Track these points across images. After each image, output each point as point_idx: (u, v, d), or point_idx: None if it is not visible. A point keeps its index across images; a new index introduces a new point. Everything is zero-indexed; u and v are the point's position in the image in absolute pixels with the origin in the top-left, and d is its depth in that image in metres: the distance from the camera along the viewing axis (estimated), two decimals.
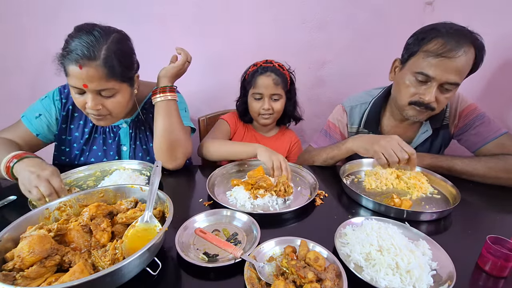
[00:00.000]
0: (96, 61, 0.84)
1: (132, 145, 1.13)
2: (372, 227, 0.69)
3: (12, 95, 1.74)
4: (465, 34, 0.91)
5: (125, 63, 0.91)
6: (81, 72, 0.83)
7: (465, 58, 0.90)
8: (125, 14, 1.36)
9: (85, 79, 0.84)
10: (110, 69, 0.86)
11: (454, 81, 0.92)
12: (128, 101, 0.98)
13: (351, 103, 1.23)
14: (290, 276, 0.55)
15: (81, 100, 0.90)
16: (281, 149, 1.38)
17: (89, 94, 0.88)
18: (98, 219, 0.65)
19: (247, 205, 0.84)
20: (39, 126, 1.05)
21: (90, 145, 1.10)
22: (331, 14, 1.52)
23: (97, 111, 0.91)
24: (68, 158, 1.11)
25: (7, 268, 0.52)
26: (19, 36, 1.62)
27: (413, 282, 0.56)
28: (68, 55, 0.84)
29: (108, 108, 0.93)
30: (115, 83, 0.90)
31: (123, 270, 0.51)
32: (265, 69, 1.23)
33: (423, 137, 1.12)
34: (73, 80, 0.86)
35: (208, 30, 1.58)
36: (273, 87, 1.22)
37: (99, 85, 0.87)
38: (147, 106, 1.14)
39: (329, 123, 1.27)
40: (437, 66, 0.91)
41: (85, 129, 1.09)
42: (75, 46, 0.84)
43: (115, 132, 1.12)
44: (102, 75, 0.85)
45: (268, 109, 1.25)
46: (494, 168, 0.96)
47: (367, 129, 1.20)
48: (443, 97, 0.96)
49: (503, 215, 0.84)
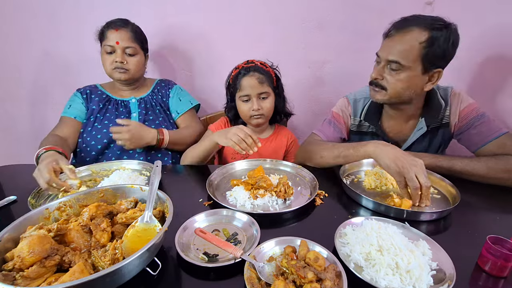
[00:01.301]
0: (128, 27, 1.27)
1: (141, 112, 1.35)
2: (372, 227, 0.69)
3: (12, 95, 1.74)
4: (418, 19, 0.95)
5: (144, 38, 1.34)
6: (116, 33, 1.24)
7: (406, 38, 0.94)
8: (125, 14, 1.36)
9: (118, 38, 1.24)
10: (135, 34, 1.28)
11: (394, 59, 0.97)
12: (142, 66, 1.35)
13: (354, 96, 1.24)
14: (290, 276, 0.55)
15: (110, 58, 1.26)
16: (279, 149, 1.37)
17: (118, 50, 1.25)
18: (98, 219, 0.65)
19: (247, 205, 0.84)
20: (74, 111, 1.32)
21: (104, 113, 1.33)
22: (331, 14, 1.51)
23: (122, 64, 1.26)
24: (84, 129, 1.30)
25: (7, 268, 0.52)
26: (19, 36, 1.62)
27: (413, 282, 0.56)
28: (109, 25, 1.26)
29: (129, 63, 1.28)
30: (137, 46, 1.29)
31: (123, 270, 0.51)
32: (247, 69, 1.21)
33: (418, 134, 1.12)
34: (110, 40, 1.24)
35: (208, 30, 1.58)
36: (258, 86, 1.20)
37: (127, 43, 1.25)
38: (156, 90, 1.44)
39: (333, 113, 1.26)
40: (383, 46, 1.02)
41: (100, 103, 1.33)
42: (114, 20, 1.27)
43: (126, 104, 1.36)
44: (130, 37, 1.26)
45: (258, 109, 1.22)
46: (494, 168, 0.96)
47: (368, 122, 1.21)
48: (392, 78, 1.00)
49: (503, 215, 0.84)
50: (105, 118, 1.31)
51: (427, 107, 1.11)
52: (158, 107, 1.40)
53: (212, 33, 1.59)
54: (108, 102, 1.35)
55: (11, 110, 1.78)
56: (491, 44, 1.39)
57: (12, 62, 1.67)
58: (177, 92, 1.45)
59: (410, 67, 0.97)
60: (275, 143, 1.37)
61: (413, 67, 0.97)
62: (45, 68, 1.69)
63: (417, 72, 0.98)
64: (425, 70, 0.98)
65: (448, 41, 0.93)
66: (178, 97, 1.44)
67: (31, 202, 0.81)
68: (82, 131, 1.31)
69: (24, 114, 1.77)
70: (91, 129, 1.29)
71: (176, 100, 1.44)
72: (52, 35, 1.60)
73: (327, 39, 1.57)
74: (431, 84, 1.01)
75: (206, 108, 1.74)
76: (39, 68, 1.68)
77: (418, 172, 0.82)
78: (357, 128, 1.25)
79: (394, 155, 0.87)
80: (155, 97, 1.41)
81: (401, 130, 1.17)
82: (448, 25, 0.94)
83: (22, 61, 1.67)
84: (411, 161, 0.84)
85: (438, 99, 1.10)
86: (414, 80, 0.99)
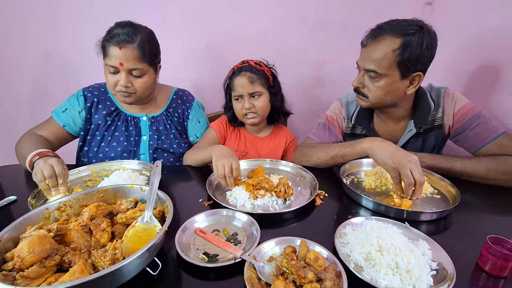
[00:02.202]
0: (133, 44, 1.02)
1: (153, 136, 1.22)
2: (372, 227, 0.69)
3: (12, 95, 1.74)
4: (391, 26, 0.95)
5: (154, 51, 1.10)
6: (120, 52, 1.01)
7: (379, 47, 0.95)
8: (125, 14, 1.35)
9: (122, 58, 1.01)
10: (143, 52, 1.04)
11: (370, 68, 0.98)
12: (152, 84, 1.14)
13: (347, 99, 1.24)
14: (290, 276, 0.55)
15: (114, 79, 1.06)
16: (277, 149, 1.37)
17: (123, 73, 1.04)
18: (98, 219, 0.65)
19: (247, 205, 0.84)
20: (65, 119, 1.17)
21: (113, 131, 1.19)
22: (331, 14, 1.51)
23: (126, 89, 1.06)
24: (89, 147, 1.19)
25: (7, 268, 0.52)
26: (19, 36, 1.62)
27: (413, 282, 0.56)
28: (111, 39, 1.01)
29: (136, 87, 1.08)
30: (145, 65, 1.06)
31: (123, 270, 0.51)
32: (240, 69, 1.22)
33: (407, 136, 1.12)
34: (112, 59, 1.02)
35: (208, 30, 1.58)
36: (249, 85, 1.21)
37: (133, 64, 1.03)
38: (171, 110, 1.28)
39: (328, 117, 1.26)
40: (361, 55, 1.04)
41: (107, 118, 1.19)
42: (117, 32, 1.02)
43: (136, 123, 1.22)
44: (136, 56, 1.03)
45: (249, 108, 1.23)
46: (494, 169, 0.96)
47: (359, 126, 1.21)
48: (372, 85, 1.02)
49: (503, 215, 0.84)
50: (114, 138, 1.18)
51: (416, 109, 1.10)
52: (173, 130, 1.26)
53: (212, 33, 1.59)
54: (117, 116, 1.20)
55: (11, 110, 1.78)
56: (490, 43, 1.38)
57: (12, 62, 1.67)
58: (196, 112, 1.33)
59: (387, 74, 0.97)
60: (273, 143, 1.38)
61: (390, 74, 0.97)
62: (45, 68, 1.68)
63: (395, 78, 0.98)
64: (403, 75, 0.98)
65: (421, 45, 0.92)
66: (197, 118, 1.33)
67: (31, 202, 0.81)
68: (81, 144, 1.19)
69: (24, 114, 1.77)
70: (97, 149, 1.17)
71: (195, 122, 1.32)
72: (52, 35, 1.60)
73: (327, 39, 1.57)
74: (413, 87, 1.01)
75: (206, 108, 1.74)
76: (39, 68, 1.68)
77: (413, 168, 0.83)
78: (351, 131, 1.25)
79: (390, 151, 0.88)
80: (170, 117, 1.26)
81: (392, 132, 1.17)
82: (420, 28, 0.93)
83: (22, 61, 1.67)
84: (406, 157, 0.85)
85: (428, 101, 1.09)
86: (394, 86, 1.00)
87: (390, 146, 0.90)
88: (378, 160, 0.90)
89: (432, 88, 1.12)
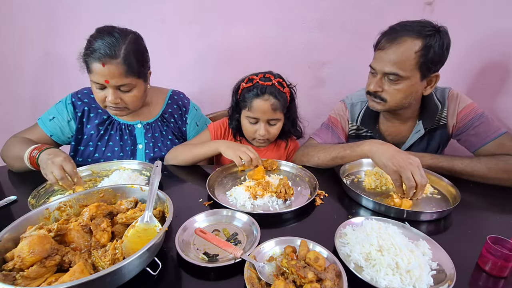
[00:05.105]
0: (117, 59, 0.93)
1: (148, 144, 1.18)
2: (372, 227, 0.69)
3: (12, 95, 1.74)
4: (407, 27, 0.94)
5: (141, 61, 1.01)
6: (104, 69, 0.93)
7: (401, 49, 0.94)
8: (125, 14, 1.36)
9: (107, 75, 0.94)
10: (129, 66, 0.96)
11: (390, 71, 0.96)
12: (143, 95, 1.07)
13: (352, 100, 1.23)
14: (290, 276, 0.55)
15: (101, 95, 1.00)
16: (277, 158, 1.30)
17: (110, 89, 0.98)
18: (98, 219, 0.65)
19: (247, 205, 0.84)
20: (53, 128, 1.11)
21: (107, 141, 1.15)
22: (331, 14, 1.51)
23: (116, 105, 1.00)
24: (82, 157, 1.15)
25: (7, 268, 0.52)
26: (19, 36, 1.62)
27: (413, 282, 0.56)
28: (92, 54, 0.93)
29: (126, 101, 1.02)
30: (133, 79, 0.99)
31: (123, 270, 0.51)
32: (263, 90, 1.08)
33: (415, 136, 1.13)
34: (96, 76, 0.95)
35: (208, 30, 1.58)
36: (271, 112, 1.10)
37: (119, 81, 0.96)
38: (166, 115, 1.22)
39: (331, 118, 1.25)
40: (376, 58, 1.01)
41: (99, 127, 1.14)
42: (98, 46, 0.93)
43: (131, 131, 1.17)
44: (122, 72, 0.95)
45: (264, 135, 1.14)
46: (495, 169, 0.96)
47: (365, 127, 1.20)
48: (391, 88, 1.00)
49: (503, 215, 0.84)
50: (108, 149, 1.14)
51: (424, 110, 1.11)
52: (170, 136, 1.22)
53: (212, 33, 1.59)
54: (110, 125, 1.14)
55: (11, 111, 1.78)
56: (491, 44, 1.38)
57: (12, 62, 1.67)
58: (193, 116, 1.28)
59: (408, 76, 0.97)
60: (273, 154, 1.31)
61: (411, 76, 0.97)
62: (45, 68, 1.68)
63: (416, 80, 0.98)
64: (423, 77, 0.98)
65: (442, 46, 0.93)
66: (195, 121, 1.29)
67: (31, 202, 0.81)
68: (73, 154, 1.14)
69: (24, 114, 1.77)
70: (91, 160, 1.13)
71: (193, 126, 1.28)
72: (52, 35, 1.60)
73: (327, 39, 1.57)
74: (430, 88, 1.02)
75: (206, 108, 1.73)
76: (39, 68, 1.68)
77: (414, 170, 0.82)
78: (355, 132, 1.25)
79: (391, 154, 0.87)
80: (166, 123, 1.22)
81: (399, 132, 1.17)
82: (438, 29, 0.94)
83: (22, 61, 1.67)
84: (407, 160, 0.84)
85: (435, 101, 1.10)
86: (414, 87, 1.00)
87: (390, 148, 0.89)
88: (379, 163, 0.90)
89: (437, 89, 1.13)
